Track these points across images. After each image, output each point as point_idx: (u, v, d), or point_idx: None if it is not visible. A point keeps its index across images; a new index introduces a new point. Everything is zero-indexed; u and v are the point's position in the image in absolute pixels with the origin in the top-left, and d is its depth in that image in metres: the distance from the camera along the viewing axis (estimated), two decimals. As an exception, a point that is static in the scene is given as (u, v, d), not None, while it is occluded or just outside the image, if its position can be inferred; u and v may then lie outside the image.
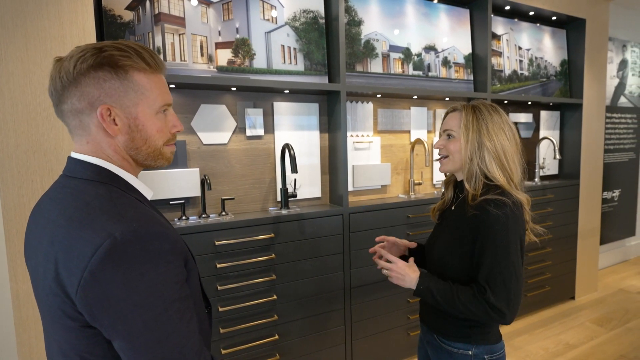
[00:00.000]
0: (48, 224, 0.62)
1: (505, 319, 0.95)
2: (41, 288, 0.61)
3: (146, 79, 0.66)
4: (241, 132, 1.92)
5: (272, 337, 1.82)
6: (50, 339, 0.65)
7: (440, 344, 1.10)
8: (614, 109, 3.71)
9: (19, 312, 1.37)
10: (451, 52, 2.45)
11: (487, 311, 0.95)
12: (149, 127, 0.68)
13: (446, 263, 1.06)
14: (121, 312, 0.55)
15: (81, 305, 0.56)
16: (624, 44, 3.71)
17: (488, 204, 0.98)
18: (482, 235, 0.97)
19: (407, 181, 2.44)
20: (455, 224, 1.07)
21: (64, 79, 0.62)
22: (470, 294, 0.98)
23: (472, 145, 1.04)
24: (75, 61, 0.61)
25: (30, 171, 1.36)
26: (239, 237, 1.72)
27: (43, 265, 0.60)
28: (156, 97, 0.68)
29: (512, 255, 0.96)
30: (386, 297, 2.14)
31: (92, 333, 0.58)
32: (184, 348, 0.59)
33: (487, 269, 0.96)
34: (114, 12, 1.57)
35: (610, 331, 2.60)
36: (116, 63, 0.63)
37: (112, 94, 0.64)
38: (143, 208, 0.64)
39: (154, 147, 0.70)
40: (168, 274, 0.59)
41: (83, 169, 0.65)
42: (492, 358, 1.05)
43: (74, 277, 0.55)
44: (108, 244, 0.55)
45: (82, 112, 0.64)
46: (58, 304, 0.58)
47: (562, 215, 2.92)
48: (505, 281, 0.95)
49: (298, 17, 1.95)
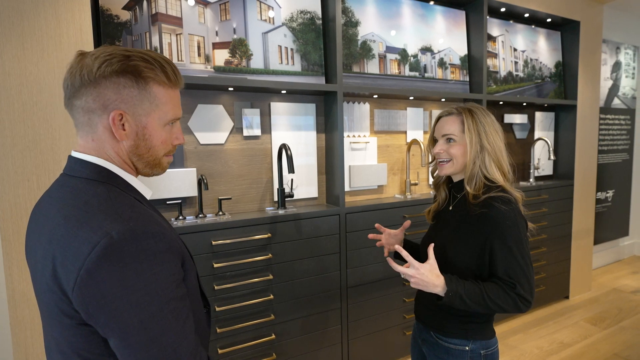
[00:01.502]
0: (47, 222, 0.62)
1: (530, 307, 1.00)
2: (39, 285, 0.62)
3: (163, 93, 0.68)
4: (238, 132, 1.93)
5: (268, 336, 1.83)
6: (49, 336, 0.66)
7: (438, 341, 1.12)
8: (608, 111, 3.75)
9: (15, 311, 1.36)
10: (447, 53, 2.47)
11: (516, 304, 0.98)
12: (155, 137, 0.70)
13: (447, 260, 1.07)
14: (116, 311, 0.56)
15: (77, 303, 0.56)
16: (618, 46, 3.75)
17: (494, 201, 1.01)
18: (494, 231, 1.00)
19: (403, 181, 2.45)
20: (458, 223, 1.09)
21: (85, 77, 0.63)
22: (499, 291, 0.99)
23: (475, 149, 1.06)
24: (100, 62, 0.62)
25: (27, 171, 1.36)
26: (235, 237, 1.72)
27: (41, 263, 0.60)
28: (168, 110, 0.70)
29: (525, 247, 1.01)
30: (382, 296, 2.15)
31: (89, 331, 0.59)
32: (179, 347, 0.60)
33: (507, 263, 0.99)
34: (111, 12, 1.57)
35: (604, 330, 2.63)
36: (140, 73, 0.65)
37: (128, 100, 0.65)
38: (141, 207, 0.65)
39: (155, 156, 0.72)
40: (164, 273, 0.60)
41: (83, 168, 0.66)
42: (488, 353, 1.07)
43: (71, 275, 0.56)
44: (105, 243, 0.55)
45: (93, 111, 0.65)
46: (55, 302, 0.58)
47: (556, 215, 2.94)
48: (526, 273, 0.99)
49: (295, 17, 1.95)
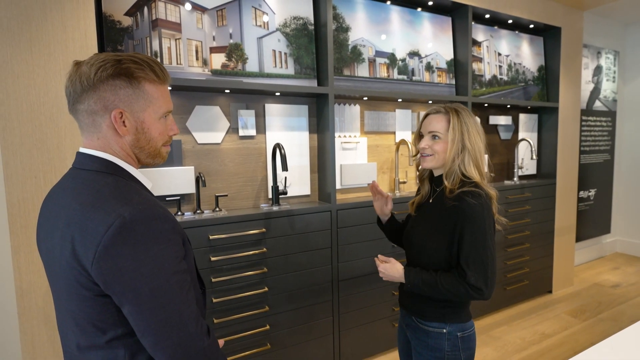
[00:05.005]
0: (62, 209, 0.71)
1: (484, 296, 1.08)
2: (58, 265, 0.70)
3: (154, 89, 0.77)
4: (234, 132, 2.02)
5: (263, 327, 1.92)
6: (64, 312, 0.74)
7: (418, 325, 1.22)
8: (590, 113, 3.90)
9: (22, 300, 1.44)
10: (434, 57, 2.58)
11: (467, 291, 1.08)
12: (153, 130, 0.78)
13: (426, 249, 1.18)
14: (130, 281, 0.65)
15: (96, 276, 0.65)
16: (599, 51, 3.91)
17: (466, 195, 1.10)
18: (462, 222, 1.09)
19: (392, 180, 2.56)
20: (435, 215, 1.19)
21: (84, 83, 0.71)
22: (452, 279, 1.10)
23: (456, 147, 1.15)
24: (96, 69, 0.71)
25: (34, 168, 1.44)
26: (232, 231, 1.81)
27: (60, 245, 0.69)
28: (161, 104, 0.79)
29: (488, 239, 1.09)
30: (372, 289, 2.25)
31: (104, 302, 0.68)
32: (183, 313, 0.69)
33: (467, 252, 1.09)
34: (114, 18, 1.65)
35: (584, 322, 2.76)
36: (132, 74, 0.73)
37: (125, 99, 0.74)
38: (146, 194, 0.74)
39: (155, 147, 0.80)
40: (169, 250, 0.69)
41: (92, 162, 0.74)
42: (464, 335, 1.17)
43: (89, 251, 0.64)
44: (118, 223, 0.64)
45: (96, 113, 0.73)
46: (75, 277, 0.67)
47: (539, 212, 3.07)
48: (483, 262, 1.08)
49: (289, 23, 2.05)
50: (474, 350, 1.19)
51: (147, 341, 0.68)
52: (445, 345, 1.15)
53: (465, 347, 1.16)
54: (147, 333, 0.67)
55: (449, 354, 1.15)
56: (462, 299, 1.10)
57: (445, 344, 1.15)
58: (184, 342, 0.69)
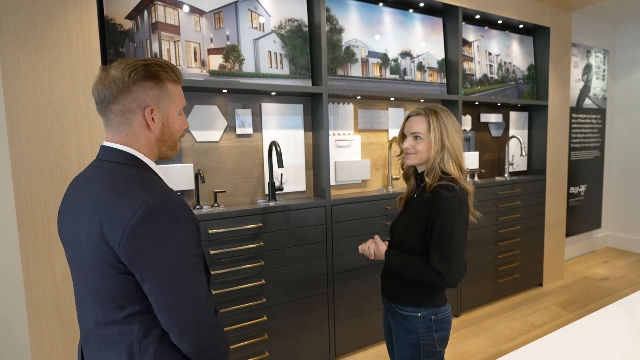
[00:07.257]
0: (89, 196, 0.79)
1: (445, 280, 1.15)
2: (85, 246, 0.77)
3: (174, 88, 0.88)
4: (231, 130, 2.09)
5: (260, 318, 1.99)
6: (85, 290, 0.81)
7: (396, 310, 1.30)
8: (580, 110, 3.99)
9: (30, 292, 1.51)
10: (426, 57, 2.66)
11: (431, 275, 1.17)
12: (175, 124, 0.89)
13: (406, 239, 1.27)
14: (152, 260, 0.73)
15: (123, 254, 0.73)
16: (589, 50, 3.99)
17: (441, 188, 1.19)
18: (434, 212, 1.18)
19: (385, 176, 2.64)
20: (416, 208, 1.28)
21: (120, 85, 0.80)
22: (420, 262, 1.20)
23: (436, 146, 1.24)
24: (129, 72, 0.80)
25: (40, 165, 1.51)
26: (230, 226, 1.88)
27: (87, 227, 0.77)
28: (179, 101, 0.90)
29: (456, 229, 1.16)
30: (366, 282, 2.33)
31: (127, 279, 0.76)
32: (197, 292, 0.77)
33: (435, 239, 1.17)
34: (115, 21, 1.72)
35: (572, 313, 2.85)
36: (159, 76, 0.84)
37: (154, 98, 0.84)
38: (165, 185, 0.83)
39: (174, 139, 0.91)
40: (186, 235, 0.78)
41: (117, 154, 0.83)
42: (438, 318, 1.26)
43: (117, 233, 0.72)
44: (144, 209, 0.72)
45: (130, 111, 0.82)
46: (102, 255, 0.75)
47: (530, 208, 3.16)
48: (448, 250, 1.15)
49: (284, 25, 2.12)
50: (448, 332, 1.28)
51: (163, 316, 0.76)
52: (420, 328, 1.24)
53: (438, 328, 1.25)
54: (163, 308, 0.75)
55: (424, 335, 1.24)
56: (427, 281, 1.19)
57: (420, 326, 1.24)
58: (195, 318, 0.77)
